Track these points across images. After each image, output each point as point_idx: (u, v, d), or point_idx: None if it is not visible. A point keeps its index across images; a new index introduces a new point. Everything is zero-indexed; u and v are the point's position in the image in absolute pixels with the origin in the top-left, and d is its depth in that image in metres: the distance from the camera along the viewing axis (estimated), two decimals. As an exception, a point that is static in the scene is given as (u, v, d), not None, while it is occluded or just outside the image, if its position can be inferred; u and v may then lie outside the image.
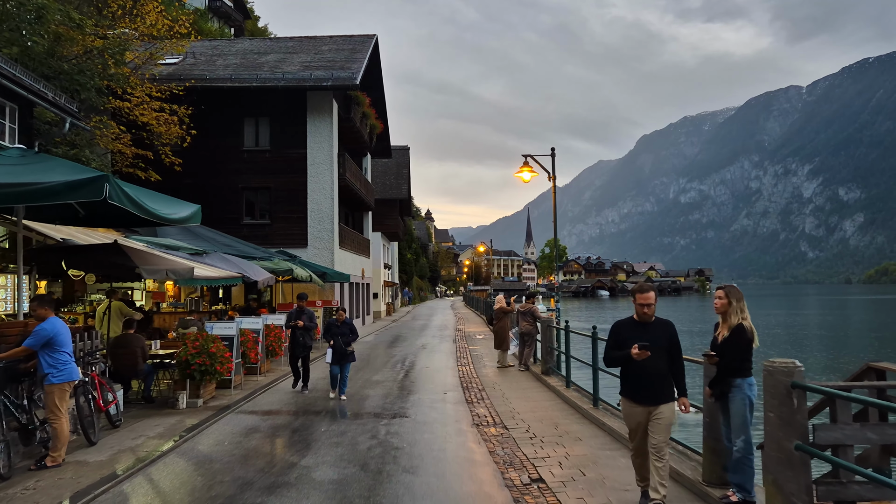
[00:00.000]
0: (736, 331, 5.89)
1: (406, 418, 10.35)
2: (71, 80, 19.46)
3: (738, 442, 5.71)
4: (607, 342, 6.02)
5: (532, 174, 16.19)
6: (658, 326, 5.86)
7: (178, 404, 10.81)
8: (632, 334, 5.74)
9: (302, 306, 13.30)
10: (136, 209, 8.45)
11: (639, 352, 5.52)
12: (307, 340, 13.10)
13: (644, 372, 5.66)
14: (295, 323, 12.96)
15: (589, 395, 11.08)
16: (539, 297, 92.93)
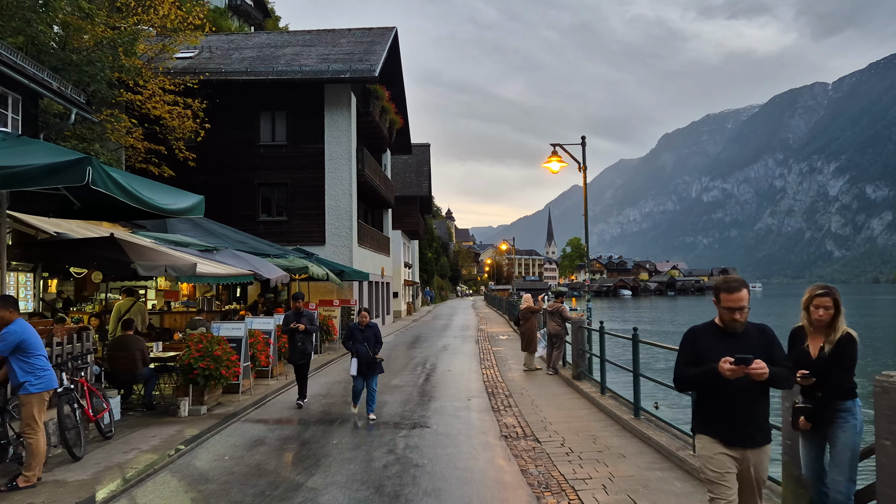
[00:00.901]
0: (845, 343, 4.65)
1: (427, 429, 9.42)
2: (80, 72, 18.77)
3: (843, 481, 4.50)
4: (679, 356, 4.27)
5: (561, 164, 15.19)
6: (752, 335, 4.11)
7: (179, 412, 9.97)
8: (716, 346, 4.04)
9: (300, 307, 11.75)
10: (126, 197, 7.60)
11: (733, 367, 3.79)
12: (307, 346, 11.52)
13: (736, 398, 4.00)
14: (295, 326, 11.30)
15: (629, 403, 10.08)
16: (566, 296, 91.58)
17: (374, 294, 32.18)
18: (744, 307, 4.08)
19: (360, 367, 9.97)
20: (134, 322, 10.71)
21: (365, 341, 10.04)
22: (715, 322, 4.23)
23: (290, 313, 11.74)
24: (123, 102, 21.10)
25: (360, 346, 9.98)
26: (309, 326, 11.49)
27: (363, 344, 10.00)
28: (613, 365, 11.29)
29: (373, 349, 10.02)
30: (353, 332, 10.20)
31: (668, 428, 8.47)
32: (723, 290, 4.14)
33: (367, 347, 9.98)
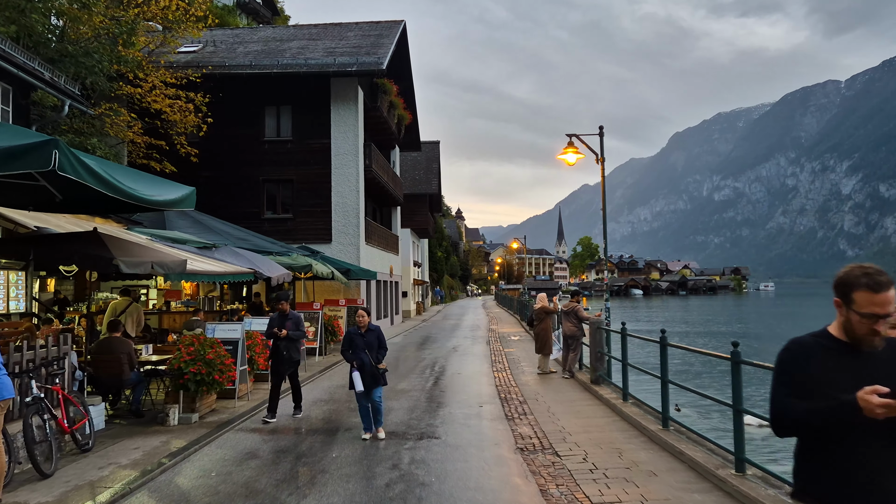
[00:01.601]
0: None
1: (435, 440, 8.65)
2: (77, 64, 18.13)
3: None
4: (778, 384, 2.75)
5: (577, 156, 14.39)
6: (887, 353, 2.71)
7: (168, 420, 9.23)
8: (840, 370, 2.67)
9: (285, 309, 10.20)
10: (100, 185, 6.87)
11: (889, 401, 2.40)
12: (293, 354, 10.07)
13: (879, 449, 2.59)
14: (277, 331, 9.88)
15: (654, 412, 9.28)
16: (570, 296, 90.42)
17: (382, 293, 31.46)
18: (892, 311, 2.66)
19: (364, 379, 8.47)
20: (121, 324, 9.99)
21: (367, 348, 8.54)
22: (831, 333, 2.80)
23: (274, 316, 10.32)
24: (123, 96, 20.46)
25: (362, 355, 8.53)
26: (293, 332, 10.00)
27: (365, 351, 8.53)
28: (635, 369, 10.49)
29: (376, 357, 8.58)
30: (353, 338, 8.69)
31: (701, 441, 7.66)
32: (864, 286, 2.67)
33: (370, 356, 8.50)
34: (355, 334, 8.73)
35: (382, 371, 8.63)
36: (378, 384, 8.62)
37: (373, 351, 8.59)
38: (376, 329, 8.84)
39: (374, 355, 8.58)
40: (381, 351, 8.72)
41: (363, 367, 8.47)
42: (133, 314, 12.19)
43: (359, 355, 8.53)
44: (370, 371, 8.51)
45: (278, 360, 10.01)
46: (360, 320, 8.75)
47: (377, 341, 8.73)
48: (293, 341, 10.04)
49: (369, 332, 8.71)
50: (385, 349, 8.82)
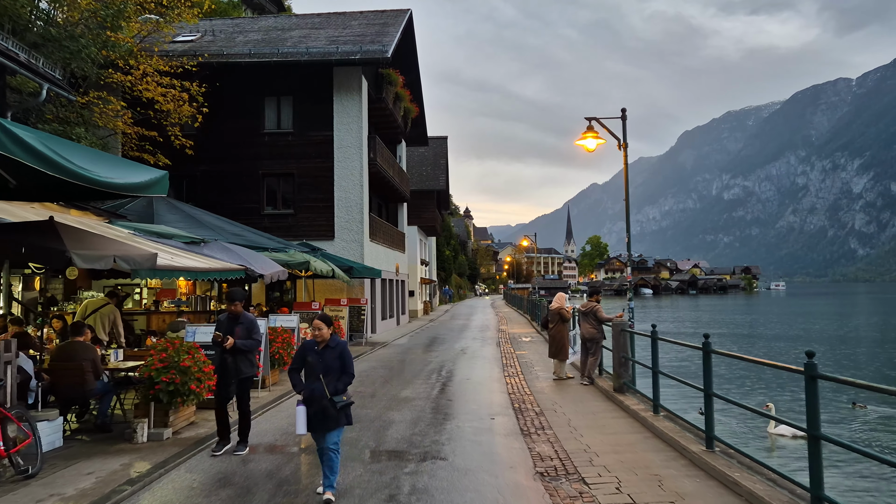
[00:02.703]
0: None
1: (440, 461, 7.47)
2: (60, 48, 17.04)
3: None
4: None
5: (598, 141, 13.17)
6: None
7: (135, 437, 8.08)
8: None
9: (237, 311, 8.11)
10: (41, 164, 5.83)
11: None
12: (243, 367, 7.94)
13: None
14: (222, 339, 7.76)
15: (693, 428, 8.09)
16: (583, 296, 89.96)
17: (387, 292, 30.33)
18: None
19: (311, 419, 6.03)
20: (85, 326, 8.83)
21: (323, 373, 6.08)
22: None
23: (221, 319, 8.19)
24: (114, 84, 19.38)
25: (311, 385, 6.08)
26: (242, 342, 7.84)
27: (318, 379, 6.06)
28: (669, 379, 9.29)
29: (334, 386, 6.04)
30: (306, 354, 6.27)
31: (757, 467, 6.45)
32: None
33: (324, 384, 6.01)
34: (310, 350, 6.27)
35: (341, 406, 6.01)
36: (333, 426, 6.06)
37: (331, 376, 6.10)
38: (340, 346, 6.28)
39: (331, 383, 6.05)
40: (344, 377, 6.17)
41: (311, 399, 6.03)
42: (107, 315, 11.06)
43: (309, 382, 6.18)
44: (321, 406, 5.99)
45: (224, 377, 7.91)
46: (317, 333, 6.24)
47: (339, 363, 6.17)
48: (244, 353, 7.95)
49: (328, 350, 6.21)
50: (349, 375, 6.21)
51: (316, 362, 6.19)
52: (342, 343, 6.36)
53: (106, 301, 11.30)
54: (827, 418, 16.82)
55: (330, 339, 6.26)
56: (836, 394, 19.32)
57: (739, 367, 24.24)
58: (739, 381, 22.26)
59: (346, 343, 6.51)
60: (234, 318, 8.08)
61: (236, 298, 8.18)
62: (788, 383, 21.17)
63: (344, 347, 6.32)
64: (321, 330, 6.23)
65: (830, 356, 30.48)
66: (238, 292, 8.30)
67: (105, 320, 10.98)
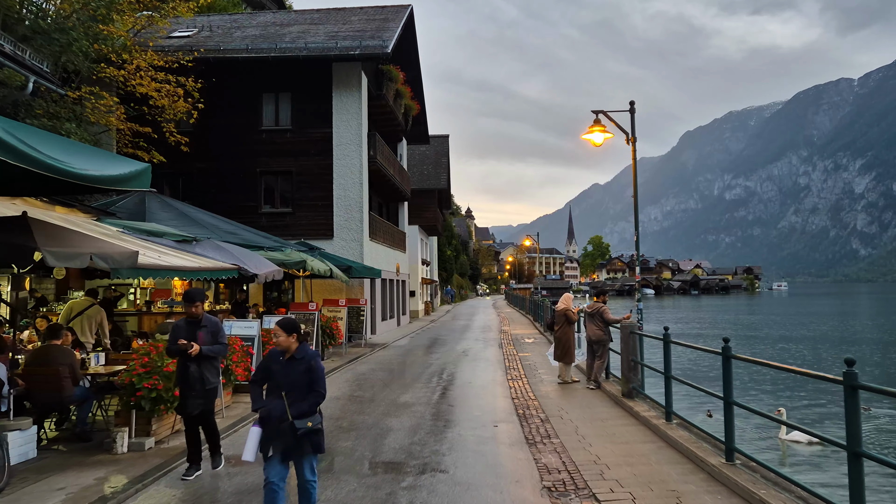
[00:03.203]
0: None
1: (440, 474, 6.97)
2: (50, 41, 16.55)
3: None
4: None
5: (605, 135, 12.67)
6: None
7: (115, 447, 7.59)
8: None
9: (198, 314, 7.14)
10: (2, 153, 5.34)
11: None
12: (210, 377, 6.97)
13: None
14: (185, 345, 6.80)
15: (710, 438, 7.59)
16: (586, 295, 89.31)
17: (388, 293, 29.83)
18: None
19: (269, 443, 5.03)
20: (63, 329, 8.34)
21: (288, 389, 5.08)
22: None
23: (179, 323, 7.21)
24: (106, 79, 18.90)
25: (271, 403, 5.10)
26: (209, 348, 6.95)
27: (280, 395, 5.07)
28: (680, 382, 8.79)
29: (296, 407, 5.03)
30: (270, 364, 5.30)
31: (784, 483, 5.93)
32: None
33: (286, 402, 5.02)
34: (275, 359, 5.28)
35: (304, 433, 5.00)
36: (302, 453, 5.11)
37: (295, 394, 5.07)
38: (308, 358, 5.21)
39: (294, 403, 5.04)
40: (312, 396, 5.12)
41: (269, 420, 5.02)
42: (93, 317, 10.56)
43: (269, 399, 5.18)
44: (278, 430, 5.00)
45: (186, 389, 6.89)
46: (280, 341, 5.20)
47: (306, 378, 5.12)
48: (210, 360, 7.00)
49: (294, 363, 5.18)
50: (319, 394, 5.16)
51: (281, 375, 5.17)
52: (311, 354, 5.26)
53: (91, 302, 10.80)
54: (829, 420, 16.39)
55: (296, 350, 5.21)
56: (834, 395, 18.91)
57: (737, 368, 23.68)
58: (741, 383, 21.69)
59: (317, 355, 5.32)
60: (195, 321, 7.13)
61: (196, 299, 7.18)
62: (797, 386, 20.65)
63: (313, 360, 5.22)
64: (279, 338, 5.18)
65: (839, 357, 29.95)
66: (197, 292, 7.34)
67: (91, 322, 10.49)
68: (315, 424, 5.08)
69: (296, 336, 5.22)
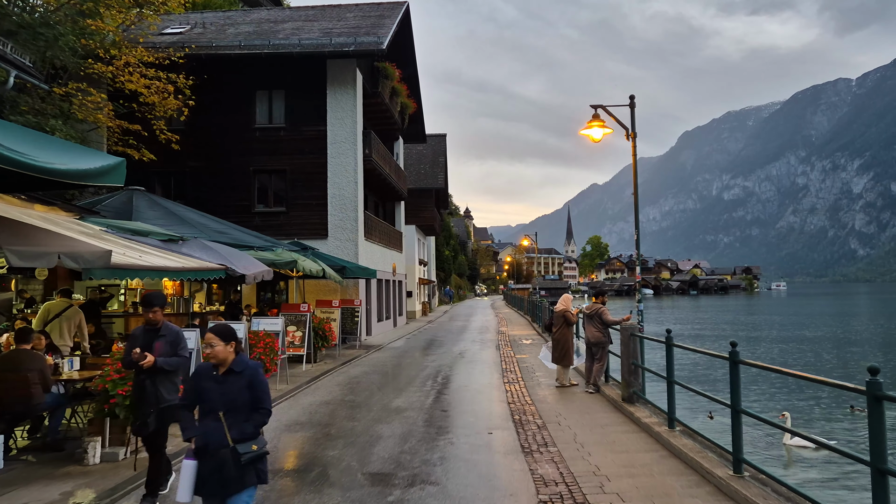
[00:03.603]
0: None
1: (430, 486, 6.56)
2: (35, 35, 16.13)
3: None
4: None
5: (604, 131, 12.27)
6: None
7: (87, 457, 7.18)
8: None
9: (156, 320, 6.35)
10: None
11: None
12: (165, 393, 6.15)
13: None
14: (137, 356, 6.02)
15: (716, 447, 7.19)
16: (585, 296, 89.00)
17: (384, 293, 29.42)
18: None
19: (205, 480, 4.20)
20: (33, 332, 7.92)
21: (226, 409, 4.25)
22: None
23: (136, 331, 6.43)
24: (94, 75, 18.48)
25: (206, 427, 4.27)
26: (165, 360, 6.11)
27: (219, 415, 4.24)
28: (683, 388, 8.39)
29: (237, 429, 4.23)
30: (200, 382, 4.42)
31: (798, 500, 5.53)
32: None
33: (225, 426, 4.20)
34: (206, 376, 4.40)
35: (249, 458, 4.18)
36: (235, 488, 4.19)
37: (236, 414, 4.25)
38: (249, 371, 4.37)
39: (235, 425, 4.22)
40: (257, 415, 4.33)
41: (205, 450, 4.20)
42: (71, 319, 10.13)
43: (204, 423, 4.32)
44: (219, 459, 4.15)
45: (141, 405, 6.12)
46: (216, 352, 4.33)
47: (248, 394, 4.31)
48: (166, 374, 6.16)
49: (232, 378, 4.33)
50: (265, 411, 4.36)
51: (214, 394, 4.28)
52: (253, 367, 4.42)
53: (68, 303, 10.36)
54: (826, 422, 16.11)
55: (234, 362, 4.37)
56: (833, 396, 18.66)
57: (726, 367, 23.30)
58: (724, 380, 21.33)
59: (259, 366, 4.49)
60: (153, 329, 6.31)
61: (154, 304, 6.32)
62: (797, 387, 20.27)
63: (255, 373, 4.39)
64: (214, 348, 4.31)
65: (841, 357, 29.58)
66: (155, 296, 6.45)
67: (69, 324, 10.06)
68: (260, 448, 4.29)
69: (234, 345, 4.41)
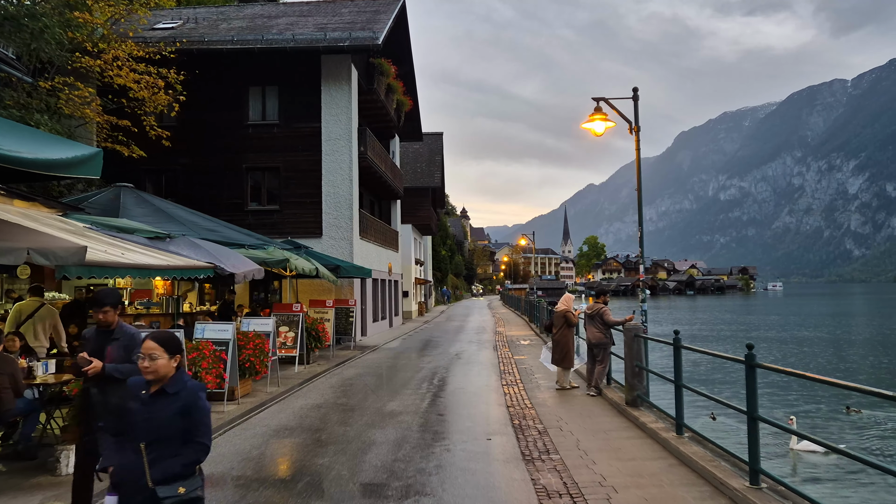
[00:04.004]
0: None
1: (425, 498, 6.13)
2: (20, 27, 15.68)
3: None
4: None
5: (606, 124, 11.85)
6: None
7: (58, 467, 6.74)
8: None
9: (110, 322, 5.43)
10: None
11: None
12: (111, 401, 5.09)
13: None
14: (83, 361, 5.16)
15: (729, 455, 6.78)
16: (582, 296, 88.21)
17: (379, 293, 28.98)
18: None
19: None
20: (7, 334, 7.48)
21: (149, 439, 3.36)
22: None
23: (88, 333, 5.66)
24: (83, 70, 18.03)
25: (123, 459, 3.41)
26: (115, 367, 5.14)
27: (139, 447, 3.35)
28: (692, 391, 7.99)
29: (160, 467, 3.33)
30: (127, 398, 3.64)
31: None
32: None
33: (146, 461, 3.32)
34: (134, 395, 3.54)
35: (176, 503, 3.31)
36: None
37: (162, 447, 3.37)
38: (186, 393, 3.48)
39: (158, 461, 3.34)
40: (190, 450, 3.41)
41: (122, 485, 3.37)
42: (45, 319, 9.68)
43: (122, 453, 3.44)
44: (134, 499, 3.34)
45: (87, 419, 5.34)
46: (158, 366, 3.46)
47: (179, 423, 3.42)
48: (116, 383, 5.04)
49: (164, 400, 3.45)
50: (201, 447, 3.43)
51: (137, 419, 3.39)
52: (192, 388, 3.50)
53: (39, 303, 9.88)
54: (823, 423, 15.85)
55: (169, 380, 3.48)
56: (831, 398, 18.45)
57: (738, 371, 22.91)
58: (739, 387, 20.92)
59: (201, 389, 3.56)
60: (106, 331, 5.40)
61: (106, 303, 5.39)
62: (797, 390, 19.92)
63: (194, 397, 3.46)
64: (155, 361, 3.43)
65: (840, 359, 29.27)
66: (107, 294, 5.56)
67: (43, 325, 9.60)
68: (190, 491, 3.33)
69: (178, 360, 3.55)
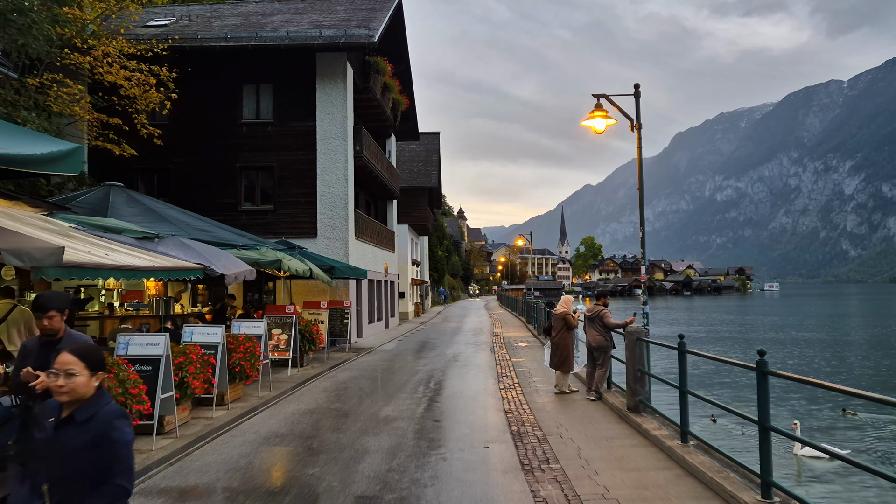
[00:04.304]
0: None
1: (422, 512, 5.85)
2: (6, 22, 15.33)
3: None
4: None
5: (607, 122, 11.53)
6: None
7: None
8: None
9: (54, 329, 4.89)
10: None
11: None
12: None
13: None
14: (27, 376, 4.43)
15: (737, 466, 6.47)
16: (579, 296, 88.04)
17: (375, 294, 28.66)
18: None
19: None
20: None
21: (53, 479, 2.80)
22: None
23: (30, 343, 5.03)
24: (72, 67, 17.68)
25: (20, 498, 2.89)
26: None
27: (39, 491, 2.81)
28: (698, 398, 7.69)
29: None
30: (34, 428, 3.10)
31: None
32: None
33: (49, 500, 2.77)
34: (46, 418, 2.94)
35: None
36: None
37: (68, 489, 2.79)
38: (99, 425, 2.84)
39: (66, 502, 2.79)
40: (101, 494, 2.77)
41: None
42: (19, 321, 9.29)
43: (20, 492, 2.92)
44: None
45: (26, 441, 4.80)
46: (70, 386, 2.84)
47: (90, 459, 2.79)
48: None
49: (70, 430, 2.83)
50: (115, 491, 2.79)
51: (41, 453, 2.82)
52: (108, 414, 2.89)
53: (12, 304, 9.46)
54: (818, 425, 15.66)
55: (82, 406, 2.87)
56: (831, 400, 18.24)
57: (739, 374, 22.63)
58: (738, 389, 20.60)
59: (122, 415, 2.95)
60: (51, 340, 4.75)
61: (50, 308, 4.80)
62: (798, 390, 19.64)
63: (109, 428, 2.84)
64: (74, 378, 2.85)
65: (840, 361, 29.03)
66: (52, 298, 4.93)
67: (18, 328, 9.20)
68: None
69: (100, 378, 2.96)
